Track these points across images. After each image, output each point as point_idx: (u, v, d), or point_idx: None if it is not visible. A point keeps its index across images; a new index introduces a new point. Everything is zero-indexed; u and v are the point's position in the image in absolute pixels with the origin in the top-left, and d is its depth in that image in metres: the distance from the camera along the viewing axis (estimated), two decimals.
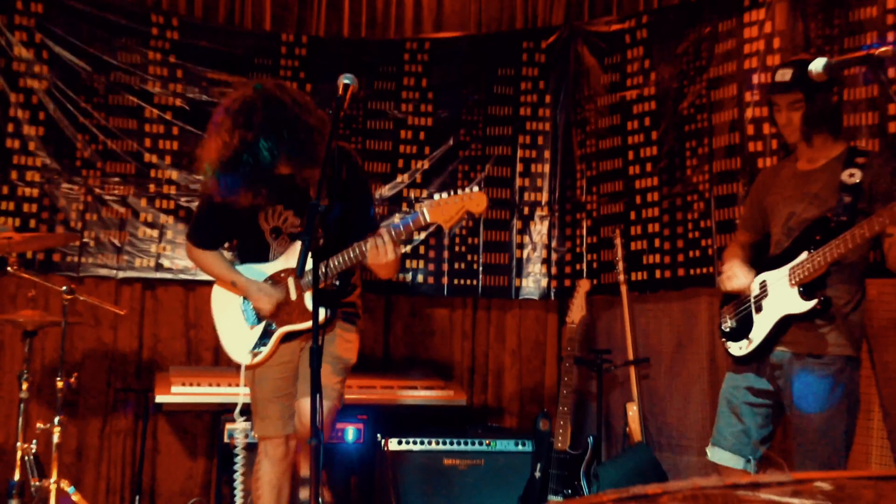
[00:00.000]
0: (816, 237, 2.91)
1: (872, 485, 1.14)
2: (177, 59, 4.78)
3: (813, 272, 2.88)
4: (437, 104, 5.01)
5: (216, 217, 3.29)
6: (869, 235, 2.72)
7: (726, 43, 4.11)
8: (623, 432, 4.52)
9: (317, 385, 2.42)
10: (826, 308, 2.89)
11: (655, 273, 4.43)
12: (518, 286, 4.94)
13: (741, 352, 3.13)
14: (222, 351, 4.77)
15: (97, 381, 4.66)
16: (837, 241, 2.79)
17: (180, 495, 4.67)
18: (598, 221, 4.76)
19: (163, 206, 4.74)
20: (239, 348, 3.34)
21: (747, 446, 3.13)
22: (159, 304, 4.79)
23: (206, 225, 3.38)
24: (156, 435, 4.70)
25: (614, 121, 4.67)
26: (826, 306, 2.89)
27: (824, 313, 2.91)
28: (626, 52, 4.61)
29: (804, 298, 2.92)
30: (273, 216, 3.27)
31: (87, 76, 4.66)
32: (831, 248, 2.81)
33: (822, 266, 2.85)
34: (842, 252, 2.79)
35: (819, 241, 2.88)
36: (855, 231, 2.74)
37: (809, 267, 2.88)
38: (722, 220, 4.10)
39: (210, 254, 3.39)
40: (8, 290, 4.54)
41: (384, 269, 3.15)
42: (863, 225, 2.72)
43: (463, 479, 4.26)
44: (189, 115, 4.78)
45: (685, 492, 1.01)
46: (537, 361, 5.09)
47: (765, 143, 3.91)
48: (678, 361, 4.40)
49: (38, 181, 4.59)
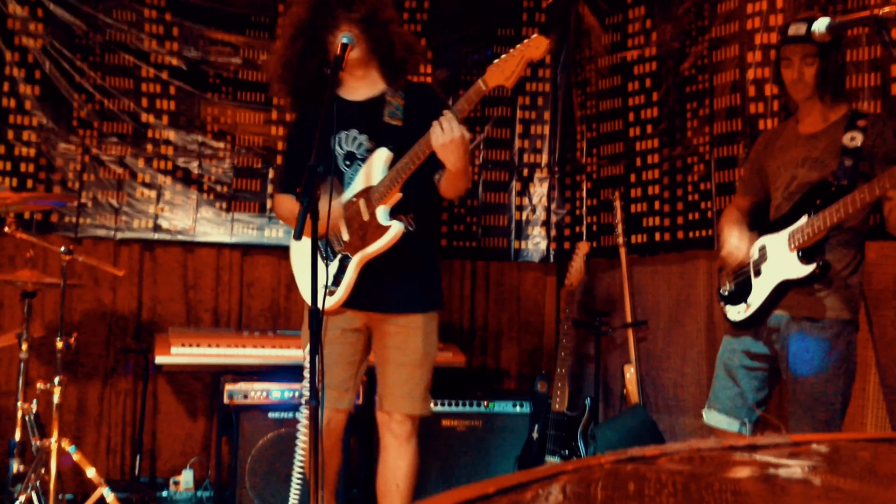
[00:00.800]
0: (817, 201, 2.89)
1: (870, 446, 1.15)
2: (173, 18, 4.73)
3: (812, 236, 2.86)
4: (437, 64, 4.97)
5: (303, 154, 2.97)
6: (870, 199, 2.70)
7: (728, 2, 4.07)
8: (620, 394, 4.54)
9: (315, 347, 2.40)
10: (825, 272, 2.88)
11: (655, 236, 4.43)
12: (517, 248, 4.94)
13: (739, 316, 3.13)
14: (221, 312, 4.86)
15: (97, 342, 4.67)
16: (837, 206, 2.76)
17: (180, 455, 4.71)
18: (598, 184, 4.74)
19: (160, 167, 4.72)
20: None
21: (743, 409, 3.15)
22: (158, 265, 4.79)
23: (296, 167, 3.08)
24: (156, 395, 4.73)
25: (615, 82, 4.63)
26: (825, 271, 2.88)
27: (823, 278, 2.90)
28: (628, 11, 4.56)
29: (803, 263, 2.91)
30: (347, 141, 3.08)
31: (82, 34, 4.62)
32: (831, 212, 2.79)
33: (822, 230, 2.83)
34: (842, 216, 2.77)
35: (819, 205, 2.86)
36: (856, 195, 2.71)
37: (809, 231, 2.87)
38: (722, 183, 4.08)
39: (286, 197, 3.16)
40: (6, 250, 4.54)
41: (453, 155, 2.78)
42: (863, 189, 2.69)
43: (461, 440, 4.29)
44: (186, 74, 4.74)
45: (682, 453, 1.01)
46: (536, 324, 5.10)
47: (766, 105, 3.88)
48: (676, 324, 4.42)
49: (34, 141, 4.57)
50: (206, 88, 4.77)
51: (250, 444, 4.08)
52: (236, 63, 4.81)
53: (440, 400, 4.29)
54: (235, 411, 4.07)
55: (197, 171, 4.74)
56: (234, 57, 4.80)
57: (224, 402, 4.11)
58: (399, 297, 3.07)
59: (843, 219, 2.78)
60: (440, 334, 3.25)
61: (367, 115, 3.08)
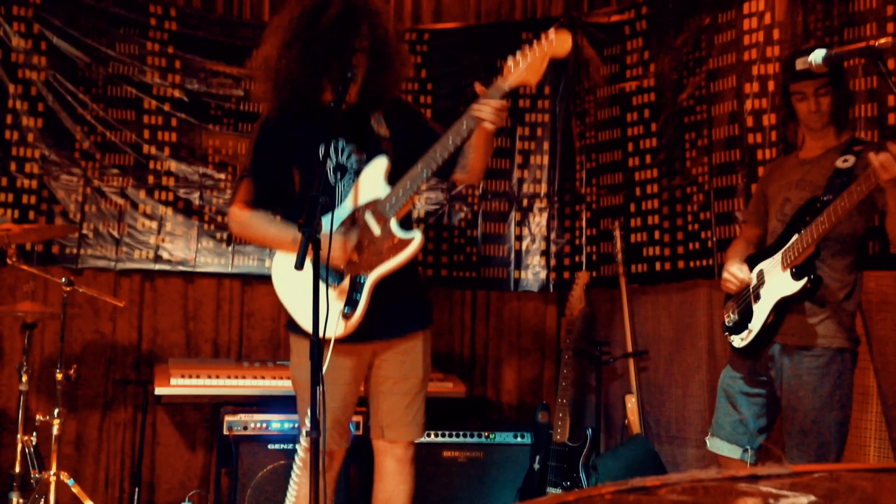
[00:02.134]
0: (806, 218, 2.91)
1: (871, 477, 1.14)
2: (175, 50, 4.77)
3: (802, 251, 2.88)
4: (437, 95, 5.00)
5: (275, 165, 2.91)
6: (849, 206, 2.72)
7: (726, 34, 4.10)
8: (622, 424, 4.52)
9: (317, 376, 2.38)
10: (816, 286, 2.88)
11: (655, 265, 4.43)
12: (517, 278, 4.94)
13: (742, 343, 3.13)
14: (221, 342, 4.85)
15: (96, 373, 4.66)
16: (822, 217, 2.79)
17: (179, 487, 4.68)
18: (598, 213, 4.75)
19: (161, 198, 4.73)
20: None
21: (745, 436, 3.14)
22: (158, 295, 4.79)
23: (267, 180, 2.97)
24: (155, 427, 4.71)
25: (614, 112, 4.66)
26: (816, 285, 2.88)
27: (814, 292, 2.90)
28: (626, 43, 4.59)
29: (795, 279, 2.92)
30: (335, 152, 2.93)
31: (85, 67, 4.65)
32: (816, 224, 2.81)
33: (811, 244, 2.85)
34: (826, 227, 2.78)
35: (808, 221, 2.88)
36: (836, 203, 2.73)
37: (798, 247, 2.89)
38: (721, 213, 4.10)
39: (256, 215, 2.99)
40: (7, 281, 4.54)
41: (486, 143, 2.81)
42: (843, 196, 2.71)
43: (462, 472, 4.27)
44: (188, 106, 4.77)
45: (684, 484, 1.01)
46: (536, 353, 5.09)
47: (764, 135, 3.91)
48: (677, 353, 4.41)
49: (36, 173, 4.59)
50: (208, 120, 4.80)
51: (250, 475, 4.06)
52: (238, 95, 4.84)
53: (441, 431, 4.26)
54: (235, 442, 4.05)
55: (198, 201, 4.76)
56: (236, 89, 4.84)
57: (224, 434, 4.08)
58: (401, 319, 2.98)
59: (828, 229, 2.79)
60: (440, 364, 3.23)
61: (352, 123, 2.93)
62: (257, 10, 5.00)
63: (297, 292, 2.91)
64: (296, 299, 2.94)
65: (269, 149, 2.99)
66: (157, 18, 4.75)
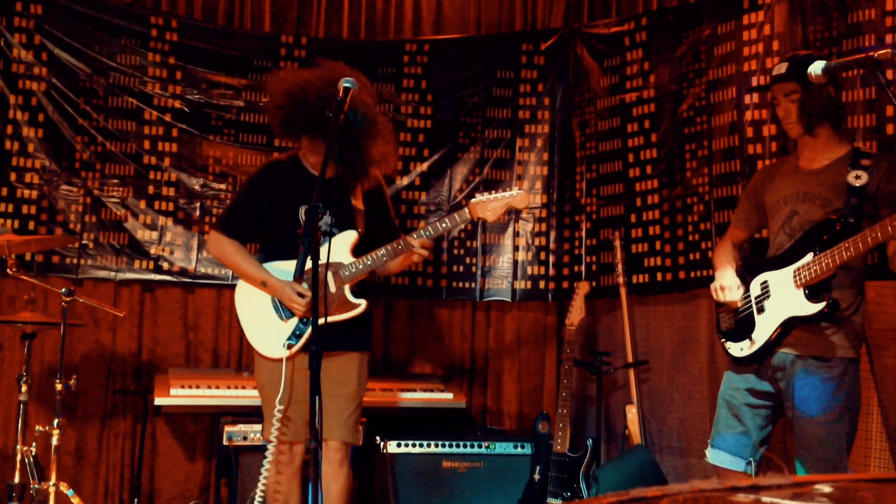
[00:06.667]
0: (824, 237, 2.89)
1: (873, 487, 1.14)
2: (176, 61, 4.78)
3: (820, 274, 2.86)
4: (437, 106, 5.01)
5: (256, 206, 3.43)
6: (882, 239, 2.70)
7: (725, 45, 4.12)
8: (623, 435, 4.51)
9: (316, 387, 2.41)
10: (833, 311, 2.88)
11: (656, 276, 4.43)
12: (517, 288, 4.94)
13: (742, 353, 3.12)
14: (221, 353, 4.84)
15: (96, 384, 4.65)
16: (847, 244, 2.76)
17: (179, 498, 4.67)
18: (598, 224, 4.76)
19: (162, 208, 4.74)
20: (270, 343, 3.36)
21: (747, 448, 3.13)
22: (158, 305, 4.79)
23: (248, 217, 3.48)
24: (154, 437, 4.70)
25: (614, 123, 4.67)
26: (833, 309, 2.87)
27: (832, 316, 2.90)
28: (626, 54, 4.61)
29: (812, 301, 2.90)
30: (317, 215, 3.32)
31: (86, 78, 4.66)
32: (840, 250, 2.78)
33: (831, 268, 2.83)
34: (852, 255, 2.76)
35: (826, 241, 2.87)
36: (867, 234, 2.71)
37: (816, 269, 2.86)
38: (722, 223, 4.10)
39: (236, 247, 3.45)
40: (7, 291, 4.54)
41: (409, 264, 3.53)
42: (875, 228, 2.69)
43: (462, 482, 4.25)
44: (188, 116, 4.78)
45: (685, 494, 1.01)
46: (536, 364, 5.09)
47: (764, 146, 3.91)
48: (678, 364, 4.40)
49: (36, 183, 4.59)
50: (209, 130, 4.81)
51: (249, 486, 4.04)
52: (238, 105, 4.85)
53: (441, 441, 4.26)
54: (235, 453, 4.04)
55: (198, 212, 4.76)
56: (237, 99, 4.85)
57: (223, 444, 4.08)
58: (340, 340, 3.35)
59: (853, 257, 2.78)
60: (442, 375, 3.31)
61: (332, 193, 3.23)
62: (258, 20, 5.01)
63: (253, 318, 3.44)
64: (251, 324, 3.45)
65: (260, 190, 3.48)
66: (158, 29, 4.76)
